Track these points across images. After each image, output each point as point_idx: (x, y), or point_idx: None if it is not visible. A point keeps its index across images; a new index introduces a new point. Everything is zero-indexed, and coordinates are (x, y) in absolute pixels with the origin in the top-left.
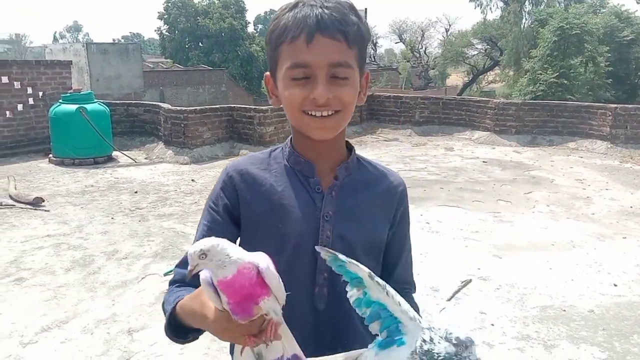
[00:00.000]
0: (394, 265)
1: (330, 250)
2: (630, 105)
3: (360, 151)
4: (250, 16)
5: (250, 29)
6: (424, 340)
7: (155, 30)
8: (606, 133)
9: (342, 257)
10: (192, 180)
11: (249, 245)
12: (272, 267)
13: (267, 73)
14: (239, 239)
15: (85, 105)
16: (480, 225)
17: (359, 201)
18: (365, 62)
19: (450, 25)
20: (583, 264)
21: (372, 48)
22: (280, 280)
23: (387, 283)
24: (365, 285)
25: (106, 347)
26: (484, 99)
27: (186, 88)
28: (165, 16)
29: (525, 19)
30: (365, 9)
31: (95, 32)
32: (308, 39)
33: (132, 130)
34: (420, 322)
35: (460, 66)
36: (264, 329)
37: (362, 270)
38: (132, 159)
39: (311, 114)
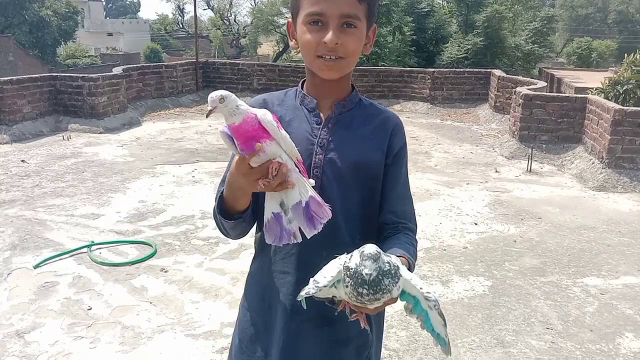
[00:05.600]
0: (388, 196)
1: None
2: (445, 69)
3: (200, 119)
4: None
5: None
6: (348, 267)
7: None
8: (426, 95)
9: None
10: (22, 160)
11: None
12: (269, 116)
13: (289, 19)
14: None
15: None
16: None
17: (352, 133)
18: (374, 17)
19: None
20: (444, 209)
21: (179, 15)
22: (282, 130)
23: (383, 214)
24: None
25: None
26: None
27: None
28: None
29: None
30: None
31: None
32: None
33: None
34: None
35: (271, 35)
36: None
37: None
38: None
39: (322, 57)
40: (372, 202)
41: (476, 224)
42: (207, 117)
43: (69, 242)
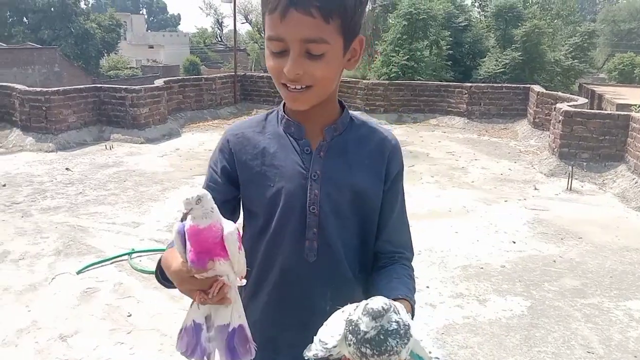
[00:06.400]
0: (384, 225)
1: None
2: (483, 84)
3: None
4: None
5: (82, 4)
6: (351, 321)
7: None
8: (463, 110)
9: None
10: (67, 169)
11: (248, 204)
12: (235, 235)
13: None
14: (239, 199)
15: None
16: None
17: (347, 160)
18: (358, 28)
19: None
20: (481, 226)
21: (218, 28)
22: (241, 251)
23: (378, 243)
24: None
25: (40, 358)
26: (354, 79)
27: (12, 69)
28: None
29: (367, 4)
30: None
31: None
32: (282, 14)
33: None
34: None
35: None
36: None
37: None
38: None
39: (287, 86)
40: (368, 231)
41: (514, 242)
42: (181, 221)
43: (111, 249)
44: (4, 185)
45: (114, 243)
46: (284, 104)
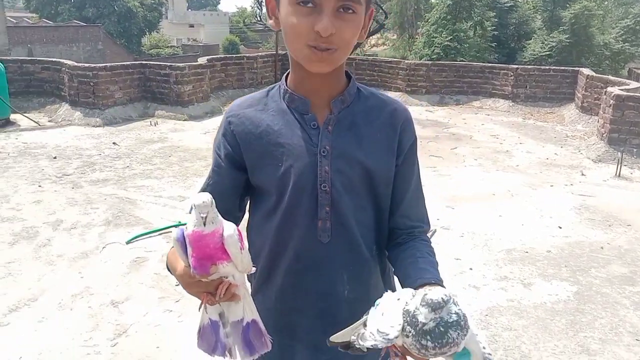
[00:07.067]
0: (400, 199)
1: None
2: (529, 66)
3: None
4: None
5: None
6: (408, 311)
7: None
8: (508, 92)
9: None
10: (114, 143)
11: (257, 186)
12: (235, 237)
13: None
14: (246, 182)
15: None
16: (424, 180)
17: (357, 133)
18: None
19: None
20: (526, 210)
21: (257, 8)
22: (243, 250)
23: (394, 219)
24: None
25: (94, 322)
26: (395, 59)
27: (58, 46)
28: None
29: None
30: None
31: None
32: None
33: (28, 90)
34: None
35: None
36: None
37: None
38: (34, 121)
39: (313, 47)
40: (383, 208)
41: (560, 227)
42: (203, 225)
43: (158, 221)
44: (55, 158)
45: (161, 215)
46: (286, 76)
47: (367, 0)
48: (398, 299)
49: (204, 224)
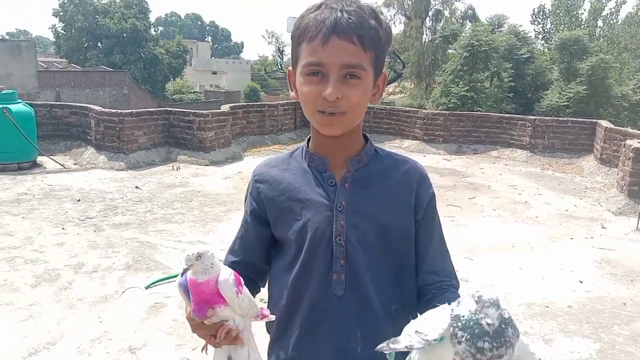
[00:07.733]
0: (424, 255)
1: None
2: (547, 118)
3: None
4: (151, 17)
5: (152, 30)
6: (458, 316)
7: (50, 28)
8: (526, 142)
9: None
10: (137, 187)
11: (279, 240)
12: (230, 281)
13: (290, 68)
14: (272, 238)
15: (9, 106)
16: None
17: (372, 191)
18: (383, 65)
19: None
20: (546, 263)
21: (278, 56)
22: (241, 295)
23: (421, 276)
24: None
25: None
26: (413, 109)
27: (85, 90)
28: (61, 13)
29: (426, 34)
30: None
31: None
32: (324, 40)
33: (55, 133)
34: None
35: None
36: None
37: None
38: (60, 164)
39: (321, 112)
40: (404, 264)
41: (581, 281)
42: (181, 275)
43: (177, 266)
44: (79, 201)
45: (180, 260)
46: (308, 139)
47: (376, 66)
48: (443, 309)
49: (181, 274)
